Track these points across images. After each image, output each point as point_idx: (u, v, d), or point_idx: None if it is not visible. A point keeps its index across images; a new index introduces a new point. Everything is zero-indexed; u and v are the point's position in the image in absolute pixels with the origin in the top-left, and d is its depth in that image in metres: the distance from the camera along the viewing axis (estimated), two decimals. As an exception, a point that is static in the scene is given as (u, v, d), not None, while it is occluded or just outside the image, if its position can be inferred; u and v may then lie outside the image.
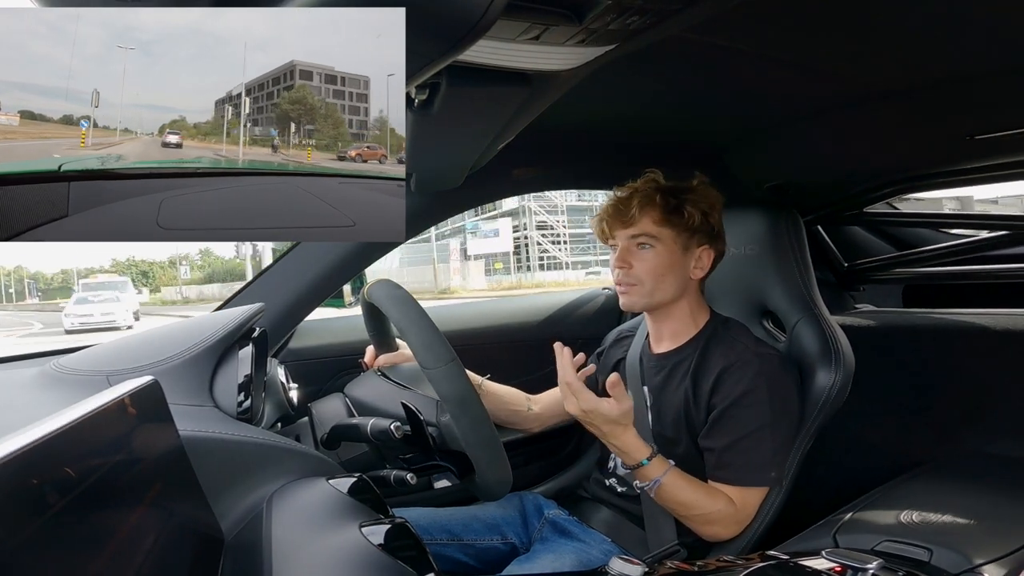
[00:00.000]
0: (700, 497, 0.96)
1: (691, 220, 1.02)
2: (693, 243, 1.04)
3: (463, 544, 1.08)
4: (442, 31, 0.43)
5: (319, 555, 0.54)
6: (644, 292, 1.04)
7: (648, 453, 0.95)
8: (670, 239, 1.02)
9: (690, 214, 1.01)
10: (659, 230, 1.02)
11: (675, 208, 1.02)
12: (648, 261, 1.03)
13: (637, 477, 0.97)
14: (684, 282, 1.05)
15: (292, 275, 1.17)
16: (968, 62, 0.78)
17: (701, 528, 0.98)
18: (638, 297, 1.05)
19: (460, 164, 0.94)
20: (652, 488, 0.95)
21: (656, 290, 1.03)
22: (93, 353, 0.82)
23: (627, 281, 1.04)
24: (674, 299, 1.06)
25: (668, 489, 0.95)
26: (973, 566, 0.73)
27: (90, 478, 0.37)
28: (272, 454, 0.69)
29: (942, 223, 1.50)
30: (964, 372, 1.22)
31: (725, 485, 0.98)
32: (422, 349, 0.79)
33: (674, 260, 1.03)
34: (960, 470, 1.06)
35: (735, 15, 0.62)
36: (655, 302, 1.05)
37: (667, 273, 1.03)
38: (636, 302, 1.05)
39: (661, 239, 1.02)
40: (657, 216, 1.02)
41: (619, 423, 0.92)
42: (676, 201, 1.02)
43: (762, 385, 0.97)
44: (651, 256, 1.03)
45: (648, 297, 1.04)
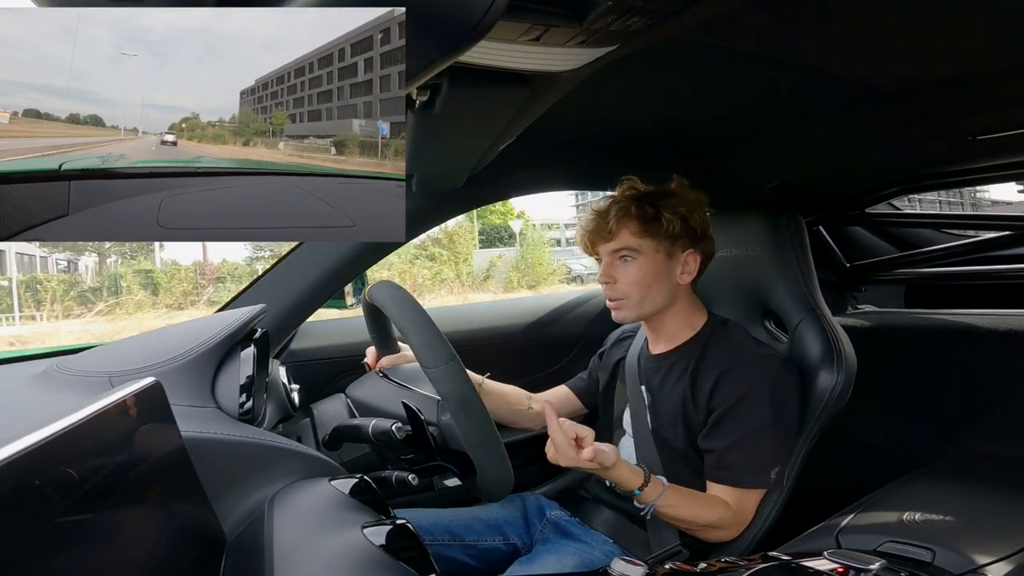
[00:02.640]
0: (699, 510, 0.96)
1: (671, 227, 1.00)
2: (677, 249, 1.03)
3: (465, 545, 1.08)
4: (443, 32, 0.43)
5: (321, 556, 0.54)
6: (632, 305, 1.03)
7: (640, 482, 0.94)
8: (651, 249, 1.01)
9: (669, 221, 1.00)
10: (639, 242, 1.01)
11: (653, 217, 1.01)
12: (632, 274, 1.02)
13: (635, 501, 0.97)
14: (672, 289, 1.04)
15: (294, 276, 1.18)
16: (970, 62, 0.78)
17: (702, 534, 0.99)
18: (628, 311, 1.04)
19: (461, 165, 0.94)
20: (648, 512, 0.95)
21: (644, 301, 1.03)
22: (95, 354, 0.82)
23: (614, 296, 1.04)
24: (665, 306, 1.06)
25: (666, 510, 0.96)
26: (976, 566, 0.73)
27: (92, 479, 0.37)
28: (274, 455, 0.69)
29: (944, 223, 1.50)
30: (966, 373, 1.22)
31: (724, 487, 0.98)
32: (422, 348, 0.79)
33: (658, 270, 1.02)
34: (962, 471, 1.06)
35: (735, 16, 0.62)
36: (646, 312, 1.05)
37: (653, 283, 1.02)
38: (627, 315, 1.05)
39: (642, 251, 1.01)
40: (635, 228, 1.01)
41: (604, 467, 0.91)
42: (654, 210, 1.01)
43: (762, 387, 0.97)
44: (634, 269, 1.02)
45: (638, 309, 1.04)
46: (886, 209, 1.49)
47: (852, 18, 0.68)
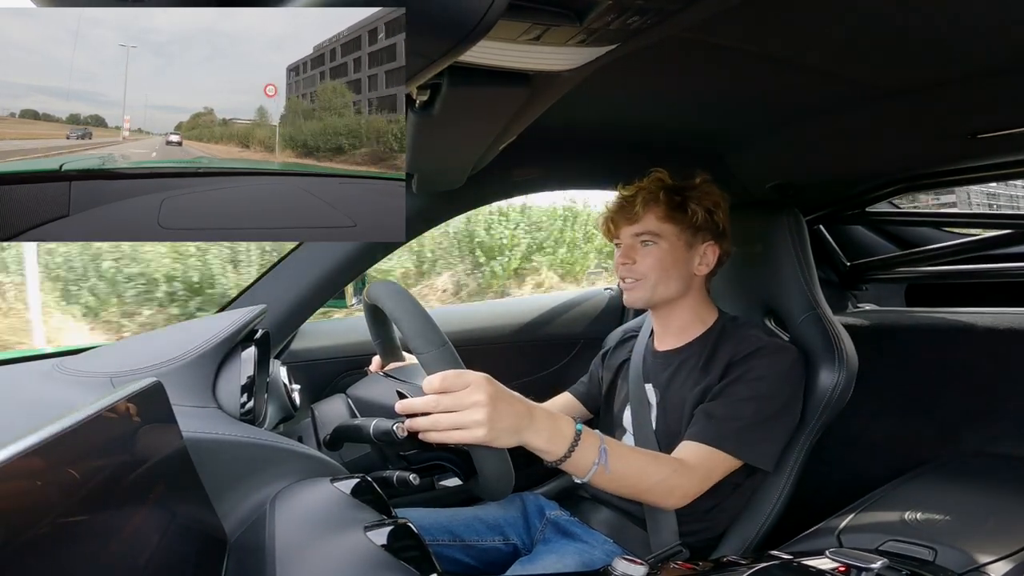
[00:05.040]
0: (647, 462, 0.88)
1: (695, 217, 1.03)
2: (698, 240, 1.05)
3: (465, 545, 1.08)
4: (443, 32, 0.43)
5: (322, 556, 0.54)
6: (647, 287, 1.05)
7: (575, 423, 0.82)
8: (673, 235, 1.03)
9: (694, 211, 1.03)
10: (662, 226, 1.03)
11: (679, 205, 1.03)
12: (652, 256, 1.04)
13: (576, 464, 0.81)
14: (688, 278, 1.06)
15: (294, 277, 1.18)
16: (970, 62, 0.78)
17: (664, 501, 0.91)
18: (641, 292, 1.06)
19: (461, 164, 0.94)
20: (604, 461, 0.81)
21: (659, 285, 1.04)
22: (97, 355, 0.82)
23: (631, 276, 1.06)
24: (678, 295, 1.06)
25: (618, 455, 0.83)
26: (977, 565, 0.73)
27: (93, 479, 0.37)
28: (275, 455, 0.69)
29: (945, 222, 1.50)
30: (967, 371, 1.22)
31: (696, 443, 0.94)
32: (414, 335, 0.79)
33: (677, 256, 1.04)
34: (964, 469, 1.06)
35: (735, 15, 0.62)
36: (657, 297, 1.06)
37: (670, 268, 1.04)
38: (639, 297, 1.06)
39: (664, 235, 1.03)
40: (661, 213, 1.03)
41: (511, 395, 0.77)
42: (680, 198, 1.03)
43: (773, 370, 0.97)
44: (655, 252, 1.04)
45: (651, 292, 1.05)
46: (886, 208, 1.49)
47: (852, 18, 0.68)
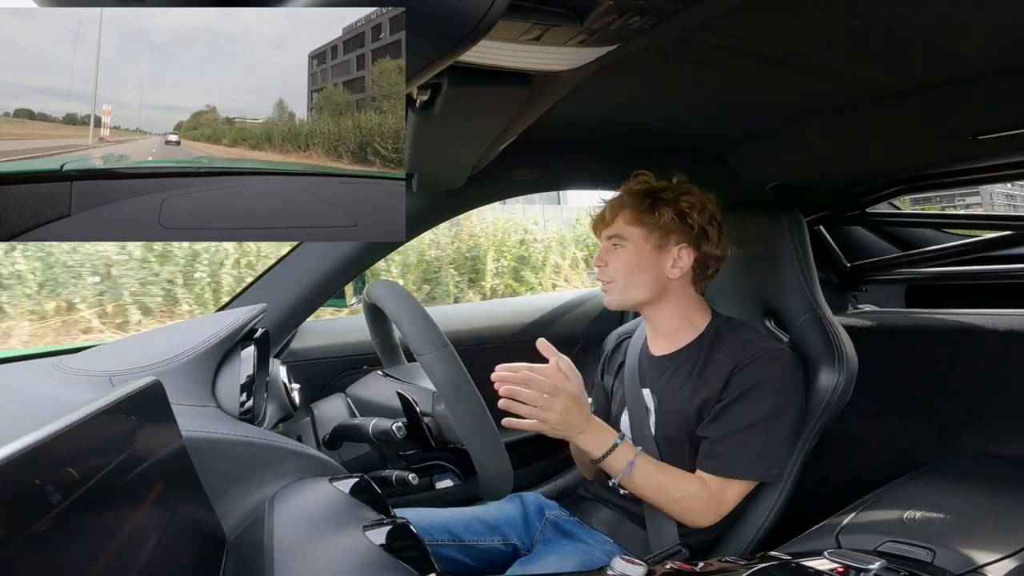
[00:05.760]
0: (673, 479, 0.99)
1: (661, 219, 1.04)
2: (669, 242, 1.05)
3: (464, 545, 1.08)
4: (443, 32, 0.43)
5: (321, 555, 0.54)
6: (617, 289, 1.07)
7: (618, 434, 1.00)
8: (640, 238, 1.05)
9: (661, 213, 1.04)
10: (629, 229, 1.05)
11: (648, 208, 1.05)
12: (620, 259, 1.06)
13: (609, 467, 0.99)
14: (660, 281, 1.05)
15: (294, 276, 1.18)
16: (970, 62, 0.78)
17: (681, 515, 1.00)
18: (613, 295, 1.08)
19: (461, 164, 0.94)
20: (628, 471, 0.97)
21: (628, 286, 1.06)
22: (96, 353, 0.82)
23: (603, 279, 1.09)
24: (653, 297, 1.07)
25: (642, 470, 0.98)
26: (976, 566, 0.73)
27: (92, 478, 0.37)
28: (274, 454, 0.69)
29: (945, 223, 1.50)
30: (967, 372, 1.22)
31: (710, 475, 0.98)
32: (414, 336, 0.79)
33: (643, 258, 1.05)
34: (963, 470, 1.06)
35: (735, 15, 0.61)
36: (630, 300, 1.07)
37: (637, 271, 1.05)
38: (612, 299, 1.09)
39: (631, 238, 1.05)
40: (628, 216, 1.06)
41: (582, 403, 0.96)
42: (649, 201, 1.05)
43: (769, 380, 0.97)
44: (623, 254, 1.06)
45: (621, 294, 1.07)
46: (887, 209, 1.49)
47: (852, 18, 0.68)
